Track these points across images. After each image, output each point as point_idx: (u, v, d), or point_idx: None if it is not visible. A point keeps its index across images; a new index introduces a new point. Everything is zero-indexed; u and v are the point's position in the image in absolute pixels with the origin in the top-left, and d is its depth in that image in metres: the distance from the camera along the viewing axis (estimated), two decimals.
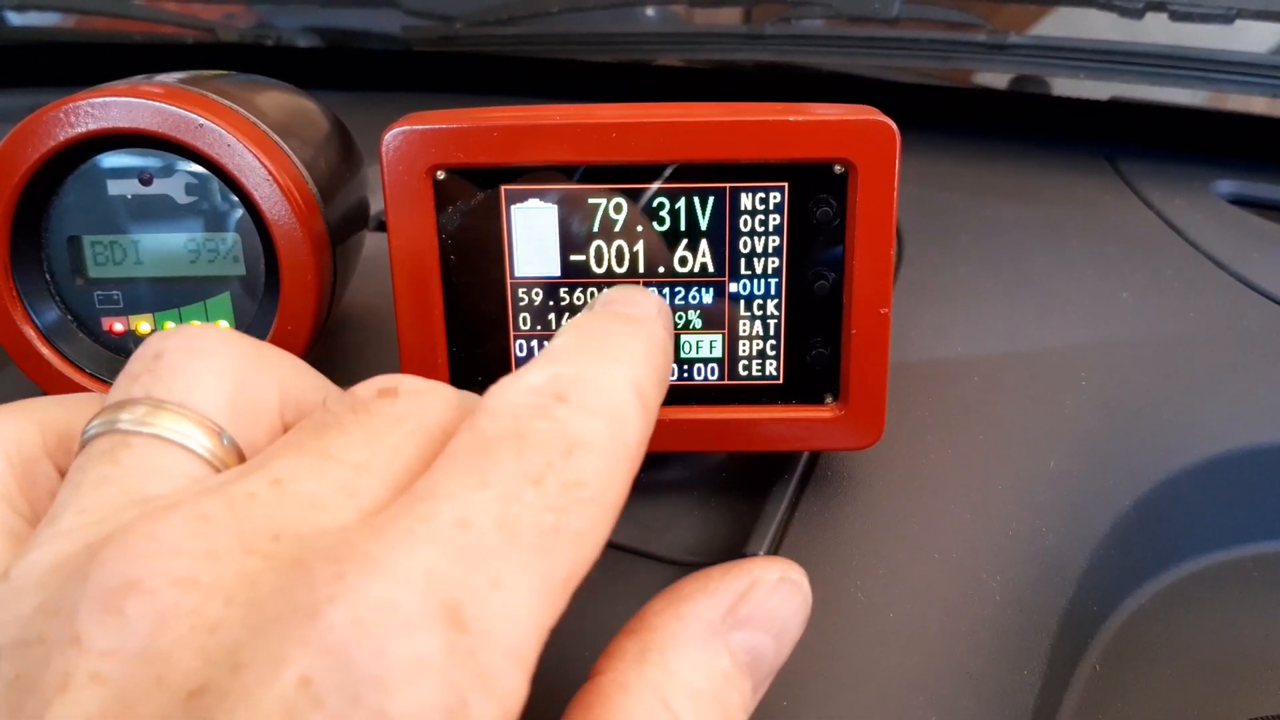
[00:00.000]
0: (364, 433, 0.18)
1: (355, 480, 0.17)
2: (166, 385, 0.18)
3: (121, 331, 0.31)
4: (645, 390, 0.19)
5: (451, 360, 0.28)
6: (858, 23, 0.55)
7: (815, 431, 0.28)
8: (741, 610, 0.20)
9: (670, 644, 0.19)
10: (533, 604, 0.15)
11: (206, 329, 0.20)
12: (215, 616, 0.14)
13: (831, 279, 0.27)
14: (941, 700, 0.24)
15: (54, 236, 0.30)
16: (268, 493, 0.16)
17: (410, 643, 0.14)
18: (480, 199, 0.27)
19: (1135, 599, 0.32)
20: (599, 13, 0.61)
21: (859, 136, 0.26)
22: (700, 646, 0.19)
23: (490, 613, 0.14)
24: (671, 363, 0.22)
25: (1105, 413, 0.33)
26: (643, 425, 0.19)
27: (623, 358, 0.19)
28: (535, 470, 0.16)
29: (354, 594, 0.14)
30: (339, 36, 0.65)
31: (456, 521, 0.15)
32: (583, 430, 0.17)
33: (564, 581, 0.16)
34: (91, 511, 0.16)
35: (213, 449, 0.18)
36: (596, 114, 0.26)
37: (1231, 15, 0.48)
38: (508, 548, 0.15)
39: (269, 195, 0.28)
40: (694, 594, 0.20)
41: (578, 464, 0.17)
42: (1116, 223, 0.44)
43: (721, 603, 0.20)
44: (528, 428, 0.17)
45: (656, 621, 0.19)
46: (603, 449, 0.17)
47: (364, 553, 0.14)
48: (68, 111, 0.28)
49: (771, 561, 0.21)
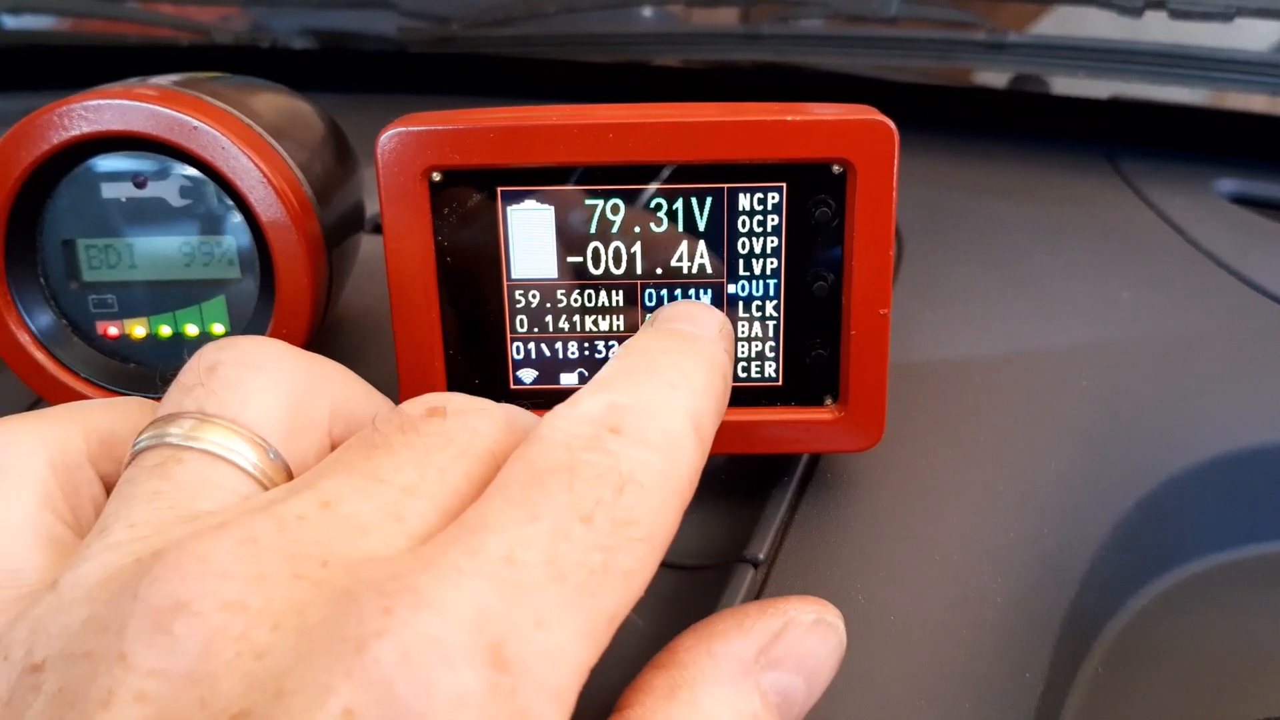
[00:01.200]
0: (412, 454, 0.18)
1: (403, 503, 0.17)
2: (219, 400, 0.19)
3: (116, 335, 0.31)
4: (702, 420, 0.19)
5: (448, 363, 0.28)
6: (856, 22, 0.55)
7: (815, 433, 0.28)
8: (775, 651, 0.19)
9: (701, 682, 0.18)
10: (576, 644, 0.15)
11: (262, 343, 0.20)
12: (262, 642, 0.14)
13: (831, 280, 0.27)
14: (942, 702, 0.24)
15: (48, 240, 0.30)
16: (317, 515, 0.16)
17: (454, 680, 0.14)
18: (477, 200, 0.26)
19: (1137, 600, 0.32)
20: (596, 13, 0.61)
21: (858, 136, 0.25)
22: (731, 686, 0.18)
23: (533, 652, 0.14)
24: (730, 385, 0.21)
25: (1106, 413, 0.33)
26: (697, 458, 0.18)
27: (680, 383, 0.19)
28: (586, 507, 0.16)
29: (402, 629, 0.14)
30: (334, 38, 0.65)
31: (504, 558, 0.15)
32: (635, 466, 0.17)
33: (609, 621, 0.16)
34: (141, 526, 0.17)
35: (261, 466, 0.18)
36: (594, 115, 0.26)
37: (1231, 13, 0.48)
38: (554, 586, 0.15)
39: (264, 198, 0.28)
40: (728, 631, 0.19)
41: (630, 501, 0.16)
42: (1117, 222, 0.44)
43: (755, 642, 0.19)
44: (580, 461, 0.17)
45: (688, 658, 0.19)
46: (656, 485, 0.17)
47: (412, 586, 0.14)
48: (62, 114, 0.28)
49: (808, 602, 0.20)
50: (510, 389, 0.28)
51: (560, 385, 0.28)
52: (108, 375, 0.30)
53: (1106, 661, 0.30)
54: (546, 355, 0.28)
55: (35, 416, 0.20)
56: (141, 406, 0.21)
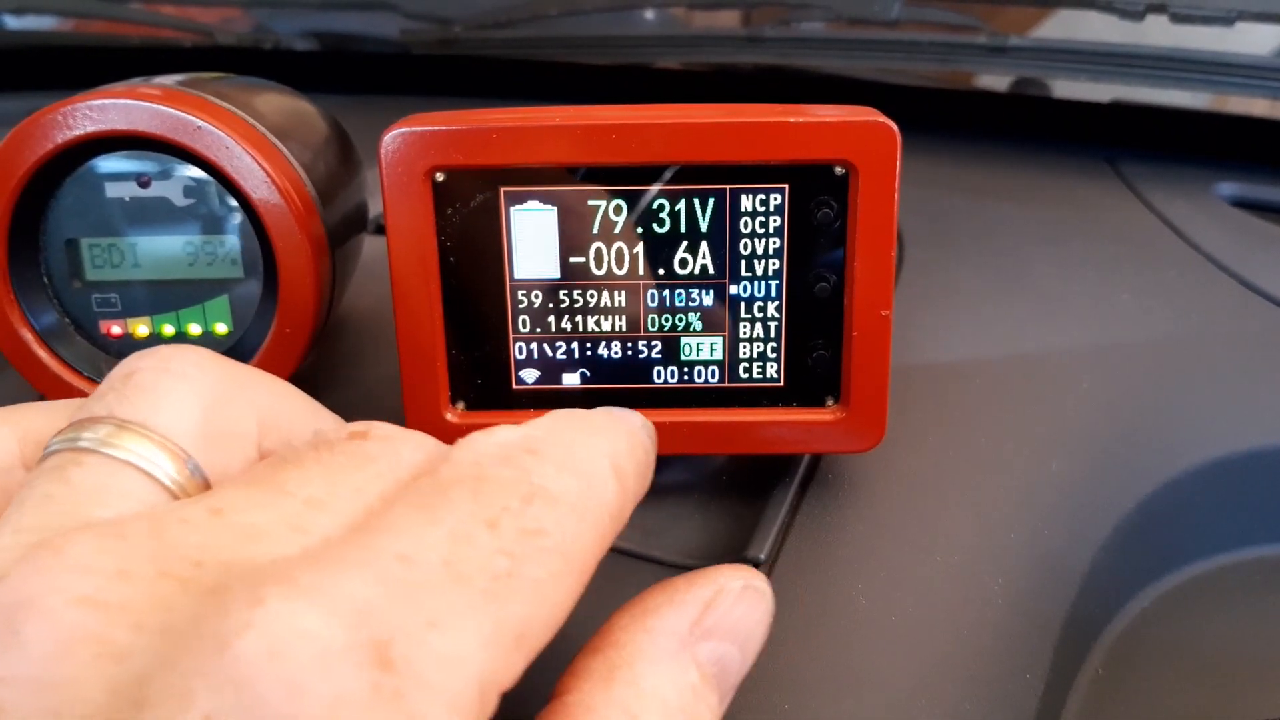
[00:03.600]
0: (323, 469, 0.17)
1: (305, 515, 0.16)
2: (132, 405, 0.18)
3: (119, 334, 0.31)
4: (623, 469, 0.18)
5: (450, 363, 0.28)
6: (858, 25, 0.55)
7: (816, 434, 0.28)
8: (708, 621, 0.19)
9: (639, 660, 0.18)
10: (476, 651, 0.14)
11: (183, 350, 0.19)
12: (123, 644, 0.13)
13: (832, 281, 0.27)
14: (943, 704, 0.24)
15: (52, 239, 0.30)
16: (203, 520, 0.15)
17: (330, 681, 0.12)
18: (480, 201, 0.27)
19: (1138, 602, 0.32)
20: (598, 16, 0.61)
21: (860, 138, 0.25)
22: (669, 661, 0.18)
23: (425, 654, 0.13)
24: (651, 472, 0.20)
25: (1107, 415, 0.33)
26: (618, 499, 0.18)
27: (602, 431, 0.18)
28: (491, 513, 0.15)
29: (270, 622, 0.13)
30: (337, 40, 0.65)
31: (398, 556, 0.14)
32: (548, 481, 0.16)
33: (517, 634, 0.15)
34: (27, 531, 0.15)
35: (175, 476, 0.17)
36: (596, 115, 0.26)
37: (1232, 17, 0.48)
38: (453, 588, 0.14)
39: (267, 198, 0.28)
40: (660, 606, 0.19)
41: (539, 511, 0.16)
42: (1118, 225, 0.44)
43: (689, 614, 0.19)
44: (489, 472, 0.16)
45: (624, 637, 0.18)
46: (571, 504, 0.16)
47: (289, 578, 0.13)
48: (66, 114, 0.28)
49: (735, 569, 0.20)
50: (512, 389, 0.28)
51: (562, 385, 0.28)
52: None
53: (1107, 663, 0.30)
54: (549, 355, 0.28)
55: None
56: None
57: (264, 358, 0.30)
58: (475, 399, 0.28)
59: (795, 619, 0.26)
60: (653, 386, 0.28)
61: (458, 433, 0.28)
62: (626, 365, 0.28)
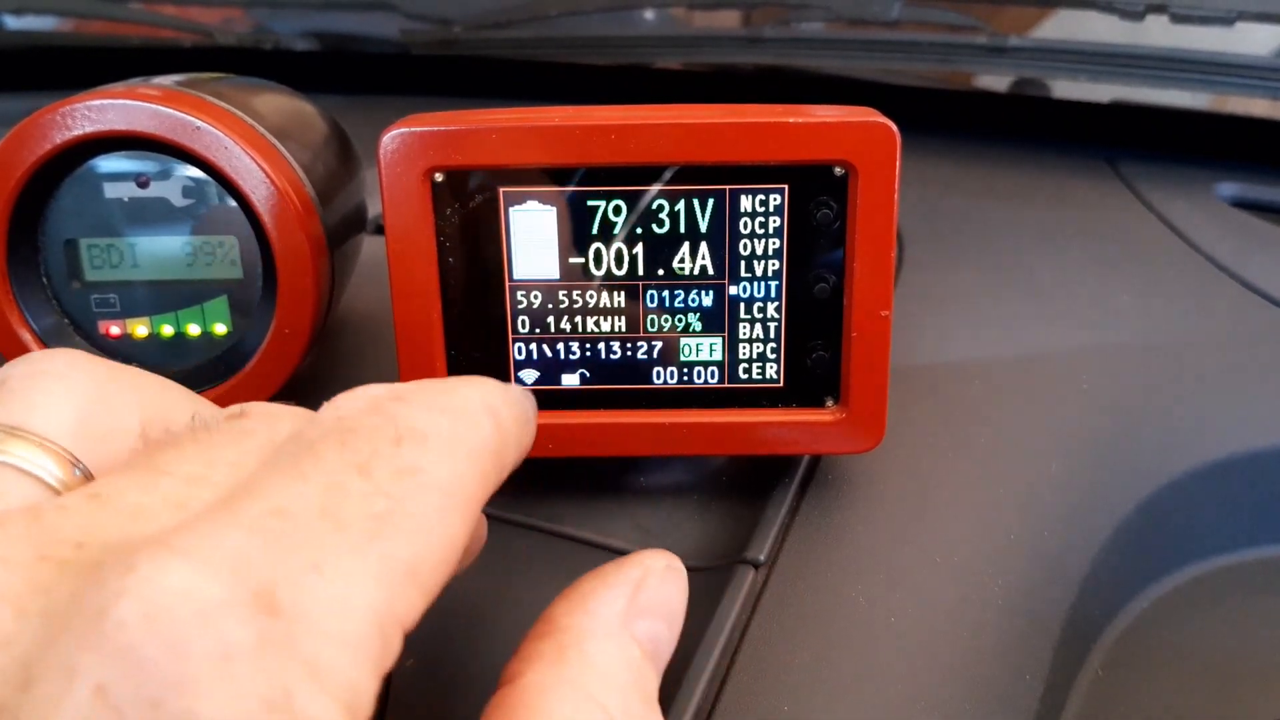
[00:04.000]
0: (201, 448, 0.17)
1: (185, 491, 0.16)
2: (7, 409, 0.18)
3: (118, 335, 0.31)
4: (498, 411, 0.18)
5: (450, 364, 0.28)
6: (857, 25, 0.55)
7: (816, 435, 0.28)
8: (640, 600, 0.20)
9: (587, 639, 0.18)
10: (368, 590, 0.14)
11: (55, 352, 0.19)
12: (6, 630, 0.13)
13: (832, 281, 0.27)
14: (943, 705, 0.24)
15: (51, 239, 0.30)
16: (83, 505, 0.15)
17: (213, 635, 0.12)
18: (479, 201, 0.27)
19: (1138, 603, 0.32)
20: (598, 16, 0.61)
21: (859, 138, 0.25)
22: (613, 639, 0.19)
23: (312, 597, 0.13)
24: (533, 428, 0.20)
25: (1107, 416, 0.33)
26: (495, 437, 0.18)
27: (473, 384, 0.18)
28: (361, 459, 0.15)
29: (143, 586, 0.12)
30: (337, 40, 0.65)
31: (272, 511, 0.14)
32: (417, 422, 0.16)
33: (408, 569, 0.15)
34: None
35: (59, 474, 0.17)
36: (596, 116, 0.26)
37: (1232, 17, 0.48)
38: (333, 533, 0.14)
39: (266, 198, 0.28)
40: (596, 590, 0.20)
41: (410, 451, 0.16)
42: (1117, 225, 0.44)
43: (623, 595, 0.20)
44: (355, 423, 0.16)
45: (568, 621, 0.19)
46: (444, 440, 0.16)
47: (161, 542, 0.13)
48: (65, 114, 0.28)
49: (655, 552, 0.21)
50: None
51: (562, 385, 0.28)
52: None
53: (1107, 664, 0.30)
54: (548, 356, 0.28)
55: None
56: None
57: (263, 358, 0.30)
58: None
59: (795, 620, 0.26)
60: (652, 387, 0.28)
61: None
62: (626, 366, 0.28)
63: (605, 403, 0.28)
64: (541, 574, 0.28)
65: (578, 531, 0.29)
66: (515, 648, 0.26)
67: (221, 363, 0.30)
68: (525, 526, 0.29)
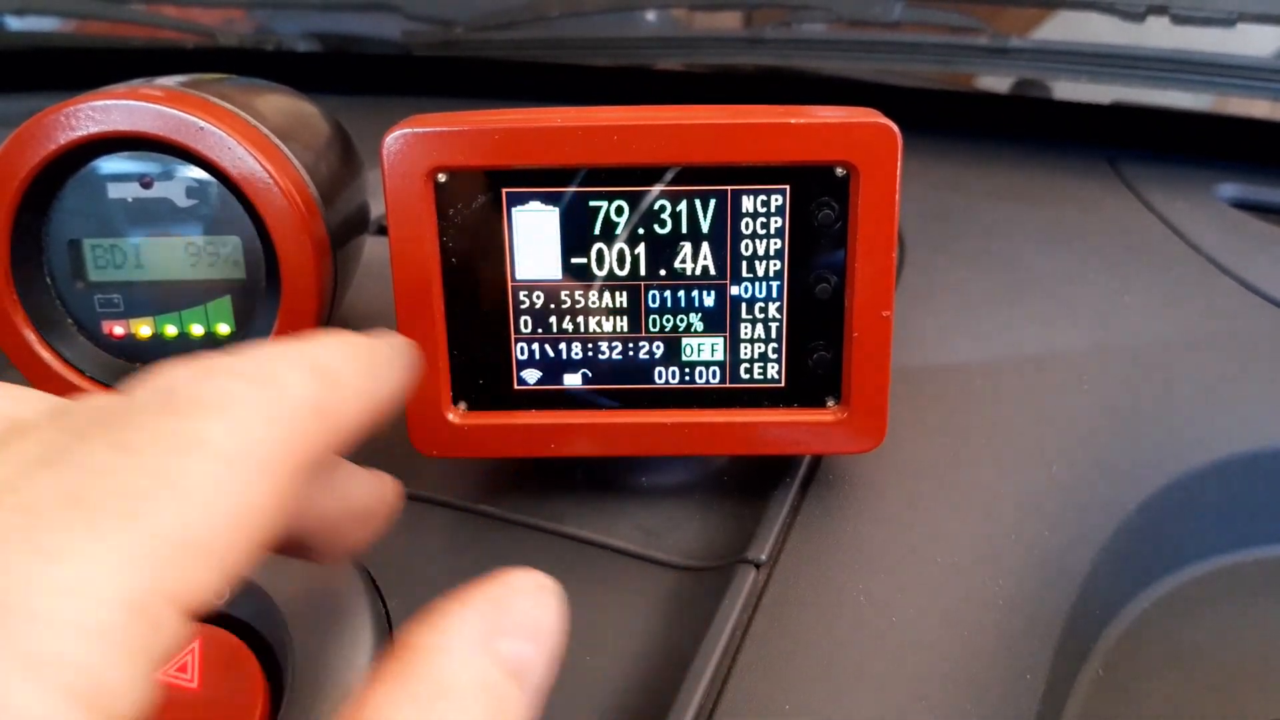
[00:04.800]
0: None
1: None
2: None
3: (122, 335, 0.31)
4: (329, 366, 0.18)
5: (452, 363, 0.28)
6: (859, 26, 0.55)
7: (817, 435, 0.28)
8: (502, 620, 0.19)
9: (439, 659, 0.18)
10: (119, 571, 0.13)
11: None
12: None
13: (833, 282, 0.27)
14: (944, 705, 0.24)
15: (55, 240, 0.30)
16: None
17: None
18: (481, 201, 0.27)
19: (1138, 604, 0.32)
20: (599, 17, 0.61)
21: (860, 139, 0.25)
22: (466, 660, 0.18)
23: (38, 589, 0.13)
24: (398, 375, 0.20)
25: (1107, 417, 0.33)
26: (317, 393, 0.17)
27: (296, 344, 0.18)
28: (127, 438, 0.15)
29: None
30: (339, 41, 0.65)
31: (14, 506, 0.14)
32: (204, 392, 0.16)
33: (181, 542, 0.14)
34: None
35: None
36: (598, 116, 0.26)
37: (1233, 19, 0.48)
38: (79, 519, 0.14)
39: (270, 199, 0.28)
40: (453, 611, 0.19)
41: (190, 423, 0.15)
42: (1118, 226, 0.44)
43: (482, 614, 0.19)
44: (130, 403, 0.16)
45: (418, 642, 0.18)
46: (236, 407, 0.16)
47: None
48: (68, 115, 0.28)
49: (523, 571, 0.20)
50: (514, 389, 0.28)
51: (564, 386, 0.28)
52: (113, 374, 0.31)
53: (1107, 664, 0.30)
54: (550, 356, 0.28)
55: None
56: None
57: None
58: (477, 399, 0.28)
59: (796, 619, 0.26)
60: (654, 387, 0.28)
61: (460, 433, 0.28)
62: (627, 366, 0.28)
63: (607, 403, 0.28)
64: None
65: (579, 531, 0.29)
66: None
67: None
68: (527, 526, 0.29)
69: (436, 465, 0.31)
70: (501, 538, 0.29)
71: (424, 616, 0.19)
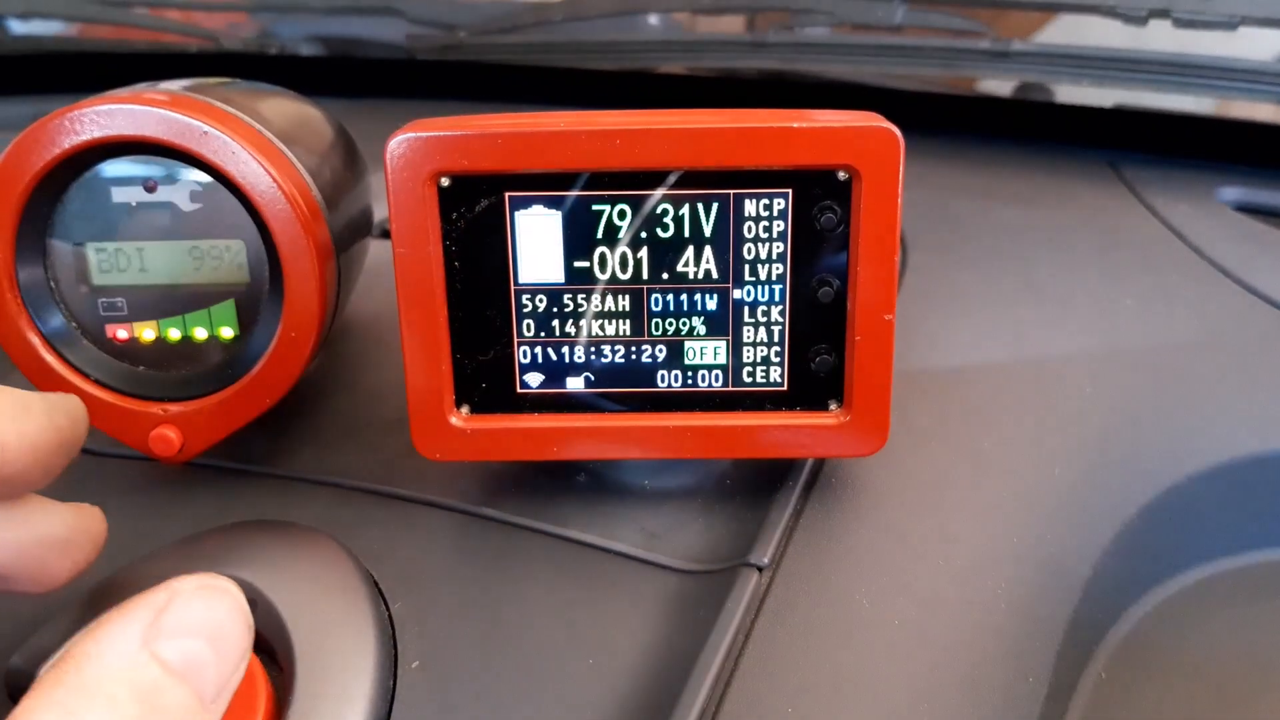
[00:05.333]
0: None
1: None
2: None
3: (126, 339, 0.31)
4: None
5: (455, 367, 0.28)
6: (861, 30, 0.55)
7: (820, 438, 0.28)
8: (165, 622, 0.20)
9: (85, 664, 0.19)
10: None
11: None
12: None
13: (836, 285, 0.27)
14: (946, 707, 0.24)
15: (59, 244, 0.30)
16: None
17: None
18: (485, 205, 0.27)
19: (1141, 606, 0.32)
20: (602, 21, 0.61)
21: (863, 143, 0.26)
22: (119, 662, 0.19)
23: None
24: (51, 431, 0.22)
25: (1110, 419, 0.33)
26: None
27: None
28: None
29: None
30: (343, 45, 0.65)
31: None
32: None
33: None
34: None
35: None
36: (601, 121, 0.26)
37: (1235, 22, 0.48)
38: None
39: (274, 202, 0.28)
40: (112, 618, 0.20)
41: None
42: (1121, 229, 0.44)
43: (140, 619, 0.20)
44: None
45: (74, 650, 0.19)
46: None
47: None
48: (72, 119, 0.28)
49: (190, 576, 0.21)
50: (517, 392, 0.28)
51: (566, 389, 0.28)
52: (116, 377, 0.31)
53: (1110, 667, 0.30)
54: (553, 359, 0.28)
55: None
56: None
57: (269, 362, 0.30)
58: (480, 402, 0.28)
59: (798, 622, 0.26)
60: (656, 390, 0.28)
61: (463, 437, 0.28)
62: (630, 369, 0.28)
63: (610, 406, 0.28)
64: (546, 577, 0.28)
65: (582, 535, 0.29)
66: (518, 648, 0.26)
67: (228, 366, 0.31)
68: (529, 530, 0.29)
69: (439, 469, 0.31)
70: (504, 541, 0.29)
71: (89, 627, 0.20)
